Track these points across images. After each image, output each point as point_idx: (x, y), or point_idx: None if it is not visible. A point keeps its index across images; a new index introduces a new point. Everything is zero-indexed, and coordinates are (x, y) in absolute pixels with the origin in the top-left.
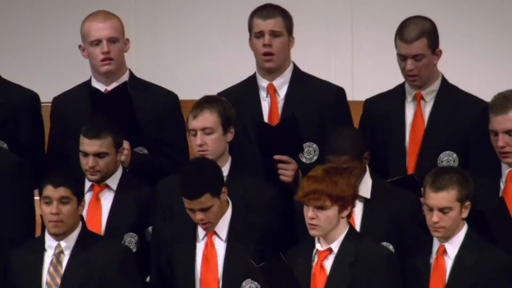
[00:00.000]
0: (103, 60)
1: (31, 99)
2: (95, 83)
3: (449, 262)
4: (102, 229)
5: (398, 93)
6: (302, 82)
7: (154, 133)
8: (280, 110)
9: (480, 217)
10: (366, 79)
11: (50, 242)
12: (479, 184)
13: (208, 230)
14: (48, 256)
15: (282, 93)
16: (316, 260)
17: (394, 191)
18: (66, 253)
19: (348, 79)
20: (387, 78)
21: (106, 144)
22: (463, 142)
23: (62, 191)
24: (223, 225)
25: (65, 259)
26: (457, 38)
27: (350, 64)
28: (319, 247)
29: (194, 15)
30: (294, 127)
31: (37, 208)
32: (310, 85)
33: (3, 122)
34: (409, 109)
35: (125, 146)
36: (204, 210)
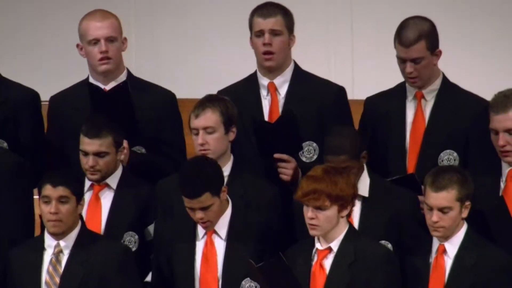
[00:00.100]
0: (101, 59)
1: (32, 98)
2: (93, 82)
3: (448, 262)
4: (102, 228)
5: (399, 92)
6: (302, 80)
7: (152, 132)
8: (280, 109)
9: (479, 216)
10: (366, 78)
11: (50, 242)
12: (479, 183)
13: (207, 229)
14: (47, 255)
15: (283, 91)
16: (315, 259)
17: (392, 190)
18: (65, 252)
19: (348, 78)
20: (387, 77)
21: (106, 143)
22: (464, 141)
23: (61, 191)
24: (223, 224)
25: (64, 259)
26: (457, 37)
27: (350, 63)
28: (319, 246)
29: (193, 14)
30: (292, 124)
31: (36, 207)
32: (310, 84)
33: (3, 121)
34: (409, 108)
35: (124, 145)
36: (204, 209)
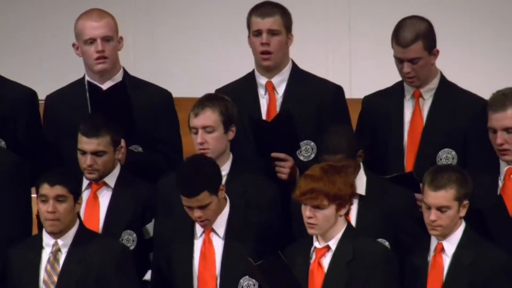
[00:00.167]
0: (98, 58)
1: (29, 97)
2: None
3: (446, 260)
4: (100, 226)
5: (397, 90)
6: (300, 80)
7: (148, 131)
8: (278, 108)
9: (478, 215)
10: (364, 77)
11: (48, 240)
12: (478, 181)
13: (206, 227)
14: (45, 254)
15: (281, 90)
16: (314, 257)
17: (389, 188)
18: (63, 251)
19: (346, 77)
20: (385, 76)
21: (104, 142)
22: (462, 140)
23: (58, 190)
24: (221, 222)
25: (62, 257)
26: (456, 36)
27: (348, 62)
28: (317, 245)
29: (192, 13)
30: (290, 123)
31: (34, 206)
32: (308, 83)
33: (1, 120)
34: (407, 107)
35: (122, 144)
36: (202, 207)
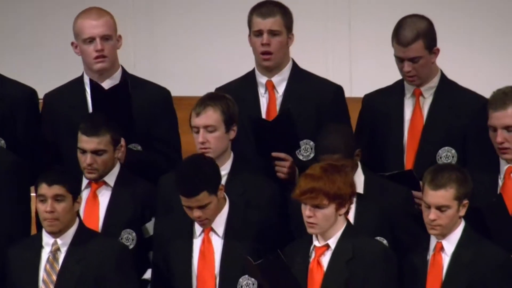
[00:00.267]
0: (97, 57)
1: (29, 95)
2: (88, 80)
3: (446, 259)
4: (99, 225)
5: (397, 89)
6: (300, 79)
7: (147, 129)
8: (278, 107)
9: (478, 214)
10: (364, 76)
11: (47, 240)
12: (478, 180)
13: (205, 226)
14: (45, 253)
15: (281, 89)
16: (313, 256)
17: (387, 186)
18: (63, 250)
19: (346, 76)
20: (385, 75)
21: (104, 141)
22: (462, 138)
23: (56, 189)
24: (220, 221)
25: (61, 257)
26: (456, 35)
27: (348, 61)
28: (317, 244)
29: (192, 11)
30: (290, 122)
31: (32, 205)
32: (308, 82)
33: (1, 119)
34: (408, 105)
35: (121, 143)
36: (201, 207)
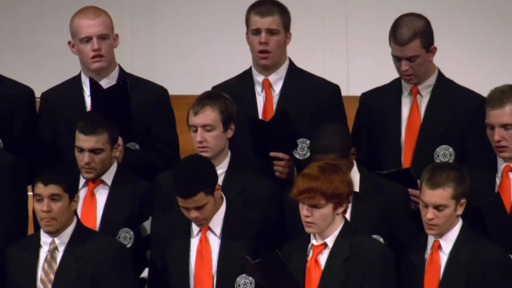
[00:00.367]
0: (94, 57)
1: (26, 94)
2: (85, 79)
3: (443, 258)
4: (97, 224)
5: (394, 87)
6: (297, 78)
7: (145, 128)
8: (275, 106)
9: (475, 212)
10: (361, 74)
11: (45, 239)
12: (475, 179)
13: (202, 226)
14: (43, 252)
15: (277, 88)
16: (311, 254)
17: (383, 185)
18: (61, 249)
19: (343, 74)
20: (383, 73)
21: (102, 140)
22: (459, 137)
23: (52, 189)
24: (218, 221)
25: (59, 256)
26: (456, 34)
27: (345, 59)
28: (314, 242)
29: (189, 11)
30: (287, 121)
31: (30, 204)
32: (305, 81)
33: None
34: (405, 103)
35: (119, 142)
36: (198, 208)
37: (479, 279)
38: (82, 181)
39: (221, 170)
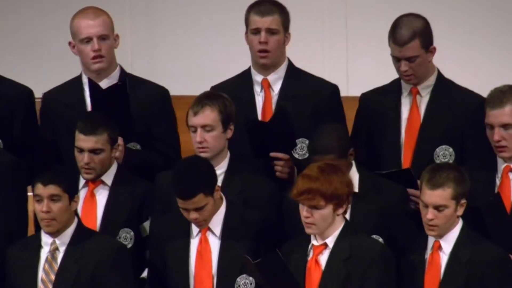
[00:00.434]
0: (94, 57)
1: (26, 95)
2: (86, 79)
3: (444, 258)
4: (97, 224)
5: (394, 87)
6: (296, 78)
7: (145, 128)
8: (274, 105)
9: (475, 213)
10: (360, 74)
11: (46, 239)
12: (475, 179)
13: (202, 227)
14: (44, 253)
15: (276, 88)
16: (311, 255)
17: (382, 185)
18: (61, 249)
19: (342, 74)
20: (382, 73)
21: (101, 140)
22: (459, 137)
23: (52, 189)
24: (217, 221)
25: (60, 256)
26: (456, 34)
27: (344, 59)
28: (315, 242)
29: (189, 10)
30: (286, 121)
31: (30, 204)
32: (304, 81)
33: None
34: (405, 104)
35: (119, 142)
36: (198, 209)
37: (479, 279)
38: (82, 181)
39: (220, 170)
